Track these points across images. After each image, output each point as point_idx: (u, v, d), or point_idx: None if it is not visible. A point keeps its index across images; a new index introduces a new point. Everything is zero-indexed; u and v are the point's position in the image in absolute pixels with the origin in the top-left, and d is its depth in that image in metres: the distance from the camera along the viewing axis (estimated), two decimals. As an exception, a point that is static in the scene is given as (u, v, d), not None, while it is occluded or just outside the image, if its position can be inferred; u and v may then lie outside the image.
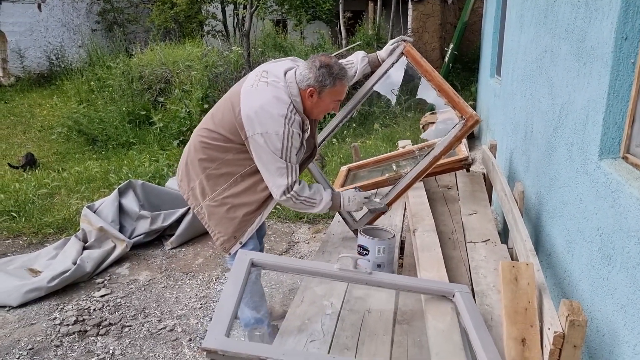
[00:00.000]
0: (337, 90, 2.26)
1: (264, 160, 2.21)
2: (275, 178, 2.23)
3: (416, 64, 2.61)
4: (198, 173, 2.37)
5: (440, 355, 1.72)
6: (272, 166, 2.21)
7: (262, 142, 2.16)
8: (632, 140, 1.64)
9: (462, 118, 2.48)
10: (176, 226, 4.11)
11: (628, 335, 1.42)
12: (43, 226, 4.33)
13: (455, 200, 3.26)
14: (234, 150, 2.28)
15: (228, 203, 2.33)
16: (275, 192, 2.26)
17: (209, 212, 2.36)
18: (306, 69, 2.22)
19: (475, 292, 2.18)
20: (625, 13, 1.60)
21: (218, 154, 2.31)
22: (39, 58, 12.34)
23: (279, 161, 2.19)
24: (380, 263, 2.32)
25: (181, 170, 2.48)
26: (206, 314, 3.13)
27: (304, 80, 2.22)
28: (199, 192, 2.38)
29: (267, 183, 2.27)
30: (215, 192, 2.34)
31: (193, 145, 2.41)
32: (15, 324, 3.03)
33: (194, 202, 2.42)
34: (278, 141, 2.15)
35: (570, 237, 2.02)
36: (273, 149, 2.16)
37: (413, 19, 10.23)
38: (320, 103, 2.26)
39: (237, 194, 2.32)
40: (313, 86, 2.21)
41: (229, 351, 1.46)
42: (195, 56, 8.22)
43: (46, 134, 7.73)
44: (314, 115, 2.33)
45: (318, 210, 2.39)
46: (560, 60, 2.32)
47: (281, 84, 2.21)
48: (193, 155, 2.39)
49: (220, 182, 2.33)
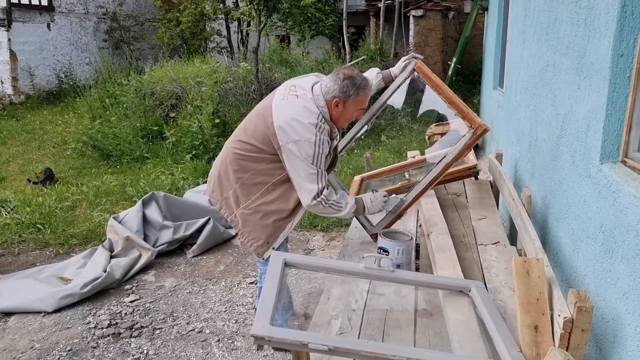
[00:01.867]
0: (360, 100, 2.47)
1: (296, 167, 2.38)
2: (307, 183, 2.39)
3: (427, 79, 2.81)
4: (232, 183, 2.54)
5: (461, 343, 1.89)
6: (303, 172, 2.37)
7: (295, 149, 2.34)
8: (630, 146, 1.83)
9: (472, 127, 2.68)
10: (197, 235, 4.30)
11: (630, 319, 1.60)
12: (68, 237, 4.52)
13: (465, 206, 3.45)
14: (267, 161, 2.47)
15: (261, 211, 2.50)
16: (306, 196, 2.41)
17: (243, 220, 2.53)
18: (331, 82, 2.42)
19: (489, 289, 2.36)
20: (621, 33, 1.80)
21: (251, 164, 2.49)
22: (48, 76, 12.61)
23: (310, 167, 2.36)
24: (400, 263, 2.50)
25: (213, 182, 2.65)
26: (231, 316, 3.30)
27: (330, 92, 2.41)
28: (233, 201, 2.54)
29: (298, 189, 2.43)
30: (249, 201, 2.51)
31: (226, 158, 2.58)
32: (52, 327, 3.21)
33: (228, 211, 2.58)
34: (310, 148, 2.33)
35: (576, 236, 2.20)
36: (305, 156, 2.34)
37: (415, 33, 10.50)
38: (345, 112, 2.47)
39: (269, 201, 2.50)
40: (338, 97, 2.41)
41: (275, 337, 1.64)
42: (205, 72, 8.46)
43: (60, 150, 7.95)
44: (340, 123, 2.53)
45: (343, 214, 2.54)
46: (562, 74, 2.52)
47: (309, 96, 2.42)
48: (226, 167, 2.56)
49: (254, 191, 2.50)
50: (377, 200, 2.65)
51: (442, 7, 10.40)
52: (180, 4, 12.69)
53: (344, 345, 1.64)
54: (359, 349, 1.63)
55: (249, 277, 3.84)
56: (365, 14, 13.29)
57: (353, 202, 2.56)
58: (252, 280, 3.77)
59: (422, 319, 2.18)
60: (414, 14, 10.39)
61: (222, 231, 4.46)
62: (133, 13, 14.59)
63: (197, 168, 6.34)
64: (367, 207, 2.63)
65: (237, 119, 7.54)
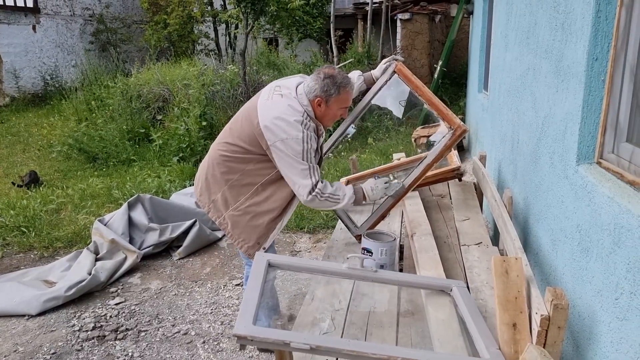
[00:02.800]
0: (343, 98, 2.48)
1: (287, 165, 2.38)
2: (300, 180, 2.39)
3: (407, 80, 2.85)
4: (220, 185, 2.53)
5: (442, 341, 1.93)
6: (295, 169, 2.38)
7: (283, 147, 2.35)
8: (605, 148, 1.88)
9: (451, 128, 2.72)
10: (183, 238, 4.30)
11: (604, 315, 1.64)
12: (53, 240, 4.49)
13: (449, 207, 3.49)
14: (254, 161, 2.47)
15: (251, 212, 2.50)
16: (301, 192, 2.41)
17: (233, 222, 2.52)
18: (312, 81, 2.45)
19: (471, 289, 2.40)
20: (595, 37, 1.85)
21: (239, 165, 2.49)
22: (33, 78, 12.51)
23: (301, 164, 2.37)
24: (383, 264, 2.53)
25: (200, 185, 2.64)
26: (217, 318, 3.31)
27: (312, 91, 2.44)
28: (222, 204, 2.54)
29: (293, 186, 2.43)
30: (238, 202, 2.51)
31: (213, 160, 2.57)
32: (36, 331, 3.19)
33: (216, 214, 2.57)
34: (298, 145, 2.34)
35: (554, 236, 2.25)
36: (294, 153, 2.35)
37: (402, 36, 10.57)
38: (328, 111, 2.49)
39: (259, 202, 2.50)
40: (320, 96, 2.43)
41: (257, 337, 1.66)
42: (192, 75, 8.45)
43: (45, 153, 7.89)
44: (325, 122, 2.54)
45: (342, 205, 2.51)
46: (542, 77, 2.57)
47: (293, 95, 2.44)
48: (213, 170, 2.55)
49: (243, 192, 2.50)
50: (377, 187, 2.62)
51: (428, 11, 10.48)
52: (168, 7, 12.65)
53: (326, 344, 1.66)
54: (341, 348, 1.65)
55: (235, 279, 3.84)
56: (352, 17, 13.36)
57: (351, 193, 2.54)
58: (239, 282, 3.78)
59: (405, 318, 2.21)
60: (401, 17, 10.46)
61: (208, 233, 4.46)
62: (120, 15, 14.53)
63: (184, 171, 6.33)
64: (367, 196, 2.60)
65: (225, 121, 7.53)
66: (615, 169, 1.75)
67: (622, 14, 1.73)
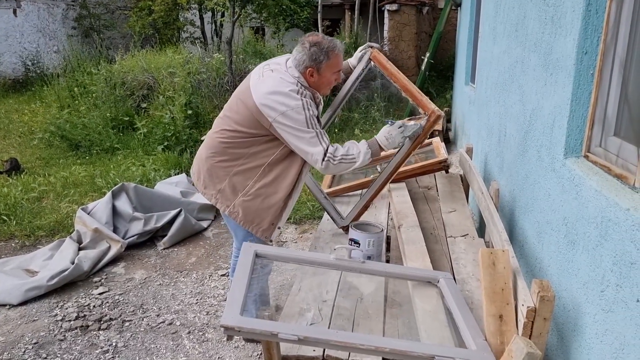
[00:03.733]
0: (333, 63, 2.43)
1: (295, 137, 2.32)
2: (310, 148, 2.33)
3: (382, 67, 2.83)
4: (225, 174, 2.47)
5: (428, 332, 1.94)
6: (303, 140, 2.32)
7: (286, 121, 2.29)
8: (592, 141, 1.89)
9: (425, 114, 2.69)
10: (168, 227, 4.26)
11: (589, 307, 1.66)
12: (35, 229, 4.42)
13: (435, 199, 3.51)
14: (257, 143, 2.41)
15: (262, 194, 2.45)
16: (316, 160, 2.35)
17: (244, 207, 2.46)
18: (299, 53, 2.40)
19: (457, 280, 2.41)
20: (585, 31, 1.85)
21: (242, 150, 2.43)
22: (14, 64, 12.26)
23: (307, 132, 2.31)
24: (370, 255, 2.54)
25: (202, 178, 2.55)
26: (202, 308, 3.29)
27: (301, 63, 2.40)
28: (230, 192, 2.47)
29: (305, 156, 2.37)
30: (247, 187, 2.44)
31: (213, 150, 2.50)
32: (18, 320, 3.14)
33: (225, 203, 2.49)
34: (299, 114, 2.29)
35: (540, 228, 2.26)
36: (298, 123, 2.29)
37: (389, 27, 10.54)
38: (322, 79, 2.44)
39: (268, 183, 2.45)
40: (310, 66, 2.39)
41: (245, 327, 1.65)
42: (178, 63, 8.35)
43: (27, 140, 7.75)
44: (321, 90, 2.50)
45: (360, 163, 2.43)
46: (530, 70, 2.58)
47: (284, 69, 2.41)
48: (215, 160, 2.48)
49: (251, 176, 2.44)
50: (392, 135, 2.52)
51: (416, 2, 10.46)
52: (153, -7, 12.45)
53: (313, 335, 1.65)
54: (328, 339, 1.65)
55: (221, 269, 3.82)
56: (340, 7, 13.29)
57: (366, 148, 2.46)
58: (224, 272, 3.76)
59: (392, 309, 2.22)
60: (389, 9, 10.43)
61: (193, 223, 4.42)
62: (103, 1, 14.25)
63: (168, 159, 6.26)
64: (384, 146, 2.52)
65: (210, 110, 7.47)
66: (603, 163, 1.76)
67: (613, 7, 1.73)
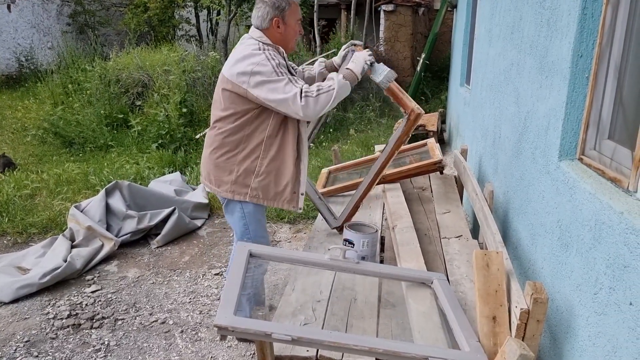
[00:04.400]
0: (294, 9, 2.50)
1: (270, 90, 2.33)
2: (286, 95, 2.32)
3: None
4: (232, 163, 2.50)
5: (422, 333, 1.94)
6: (278, 89, 2.32)
7: (257, 78, 2.32)
8: (587, 144, 1.90)
9: (406, 113, 2.69)
10: (162, 226, 4.24)
11: (582, 310, 1.66)
12: (27, 226, 4.39)
13: (430, 200, 3.51)
14: (249, 121, 2.44)
15: (272, 169, 2.50)
16: (294, 105, 2.33)
17: (262, 187, 2.51)
18: (260, 10, 2.46)
19: (451, 282, 2.42)
20: (581, 34, 1.86)
21: (238, 136, 2.47)
22: (7, 59, 12.15)
23: (279, 81, 2.32)
24: (365, 255, 2.54)
25: (213, 178, 2.56)
26: (195, 307, 3.28)
27: (265, 17, 2.45)
28: (243, 178, 2.50)
29: (284, 105, 2.34)
30: (257, 166, 2.48)
31: (214, 146, 2.53)
32: (9, 318, 3.12)
33: (243, 191, 2.51)
34: (265, 66, 2.33)
35: (534, 230, 2.27)
36: (267, 74, 2.32)
37: (385, 28, 10.55)
38: (288, 29, 2.49)
39: (274, 156, 2.48)
40: (276, 15, 2.44)
41: (238, 327, 1.64)
42: (173, 61, 8.31)
43: (20, 136, 7.69)
44: (289, 43, 2.55)
45: (337, 88, 2.39)
46: (526, 73, 2.59)
47: (245, 39, 2.50)
48: (217, 155, 2.52)
49: (256, 156, 2.48)
50: (358, 58, 2.54)
51: (412, 3, 10.47)
52: (148, -10, 12.39)
53: (307, 335, 1.65)
54: (322, 339, 1.65)
55: (214, 268, 3.81)
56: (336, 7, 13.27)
57: (340, 77, 2.44)
58: (218, 271, 3.75)
59: (385, 310, 2.22)
60: (385, 9, 10.43)
61: (187, 222, 4.41)
62: (98, -3, 14.17)
63: (163, 158, 6.23)
64: (355, 70, 2.51)
65: (205, 108, 7.44)
66: (597, 166, 1.77)
67: (608, 11, 1.74)
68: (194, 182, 5.51)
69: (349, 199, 3.07)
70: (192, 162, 6.23)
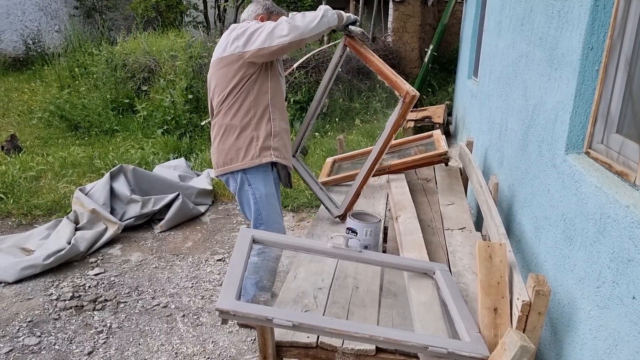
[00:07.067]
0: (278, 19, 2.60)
1: (259, 33, 2.44)
2: (274, 25, 2.44)
3: (357, 52, 2.85)
4: (249, 132, 2.57)
5: (423, 323, 1.94)
6: (265, 29, 2.44)
7: (244, 36, 2.46)
8: (594, 138, 1.88)
9: (400, 96, 2.68)
10: (165, 211, 4.25)
11: (584, 303, 1.66)
12: (32, 208, 4.41)
13: (434, 192, 3.50)
14: (250, 87, 2.54)
15: (283, 129, 2.65)
16: (284, 25, 2.41)
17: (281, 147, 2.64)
18: (253, 6, 2.67)
19: (453, 273, 2.41)
20: (592, 26, 1.84)
21: (246, 102, 2.56)
22: (15, 42, 12.14)
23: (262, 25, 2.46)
24: (367, 244, 2.54)
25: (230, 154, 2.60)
26: (197, 292, 3.29)
27: (252, 13, 2.66)
28: (262, 141, 2.58)
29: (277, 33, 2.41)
30: (272, 128, 2.59)
31: (224, 131, 2.60)
32: (13, 298, 3.15)
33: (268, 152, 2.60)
34: (248, 25, 2.50)
35: (538, 223, 2.26)
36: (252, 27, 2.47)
37: (394, 19, 10.47)
38: None
39: (280, 116, 2.64)
40: (262, 13, 2.64)
41: (240, 312, 1.65)
42: (179, 46, 8.28)
43: (26, 119, 7.71)
44: None
45: (323, 12, 2.50)
46: (534, 65, 2.56)
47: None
48: (235, 135, 2.58)
49: (267, 116, 2.59)
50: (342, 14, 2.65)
51: (421, -6, 10.39)
52: (156, -25, 12.32)
53: (308, 321, 1.66)
54: (323, 326, 1.65)
55: (217, 254, 3.82)
56: (345, -4, 13.18)
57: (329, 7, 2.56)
58: (220, 257, 3.77)
59: (387, 299, 2.22)
60: (394, -1, 10.36)
61: (191, 207, 4.42)
62: (106, -19, 14.11)
63: (168, 143, 6.24)
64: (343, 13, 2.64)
65: (211, 95, 7.42)
66: (604, 160, 1.75)
67: (621, 3, 1.72)
68: (199, 168, 5.52)
69: (346, 189, 3.09)
70: (196, 149, 6.23)
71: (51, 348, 2.72)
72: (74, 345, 2.75)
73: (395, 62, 9.91)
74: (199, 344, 2.77)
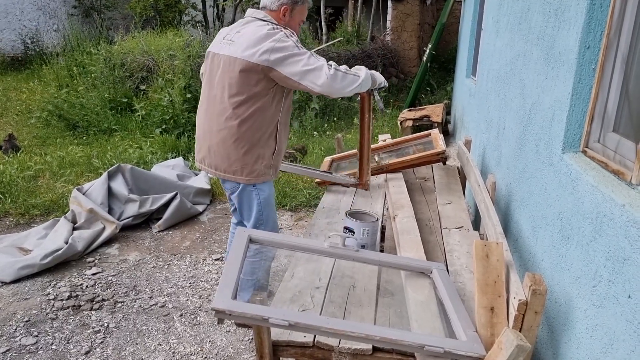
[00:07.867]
0: (302, 9, 2.51)
1: (294, 63, 2.29)
2: (313, 65, 2.29)
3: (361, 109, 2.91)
4: (256, 150, 2.49)
5: (420, 322, 1.94)
6: (302, 60, 2.29)
7: (279, 54, 2.27)
8: (591, 136, 1.88)
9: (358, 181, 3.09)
10: (163, 210, 4.25)
11: (580, 302, 1.66)
12: (30, 207, 4.40)
13: (432, 191, 3.50)
14: (269, 99, 2.42)
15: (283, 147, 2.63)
16: (321, 73, 2.29)
17: (276, 164, 2.61)
18: None
19: (450, 272, 2.41)
20: (589, 25, 1.84)
21: (261, 118, 2.44)
22: (13, 41, 12.13)
23: (303, 54, 2.30)
24: (365, 244, 2.54)
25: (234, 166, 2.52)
26: (195, 292, 3.29)
27: (277, 1, 2.44)
28: (267, 159, 2.53)
29: (311, 76, 2.30)
30: (278, 145, 2.56)
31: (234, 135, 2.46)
32: (10, 298, 3.14)
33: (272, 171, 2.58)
34: (286, 42, 2.30)
35: (535, 223, 2.26)
36: (290, 49, 2.28)
37: (392, 17, 10.47)
38: (292, 21, 2.49)
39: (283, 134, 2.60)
40: (286, 4, 2.44)
41: (236, 311, 1.64)
42: (178, 46, 8.27)
43: (24, 118, 7.70)
44: None
45: (363, 78, 2.43)
46: (532, 64, 2.56)
47: (249, 21, 2.46)
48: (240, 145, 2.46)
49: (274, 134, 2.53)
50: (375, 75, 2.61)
51: (420, -7, 10.38)
52: (155, -26, 12.30)
53: (304, 320, 1.65)
54: (320, 325, 1.65)
55: (215, 253, 3.82)
56: (343, -5, 13.17)
57: (368, 70, 2.49)
58: (218, 256, 3.76)
59: (384, 298, 2.22)
60: (392, -2, 10.35)
61: (189, 207, 4.41)
62: (105, -20, 14.09)
63: (166, 143, 6.23)
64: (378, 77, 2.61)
65: (209, 95, 7.41)
66: (600, 159, 1.75)
67: (617, 2, 1.71)
68: (197, 168, 5.51)
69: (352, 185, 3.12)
70: (195, 148, 6.21)
71: (48, 348, 2.72)
72: (71, 345, 2.74)
73: (394, 61, 9.91)
74: (197, 344, 2.76)
